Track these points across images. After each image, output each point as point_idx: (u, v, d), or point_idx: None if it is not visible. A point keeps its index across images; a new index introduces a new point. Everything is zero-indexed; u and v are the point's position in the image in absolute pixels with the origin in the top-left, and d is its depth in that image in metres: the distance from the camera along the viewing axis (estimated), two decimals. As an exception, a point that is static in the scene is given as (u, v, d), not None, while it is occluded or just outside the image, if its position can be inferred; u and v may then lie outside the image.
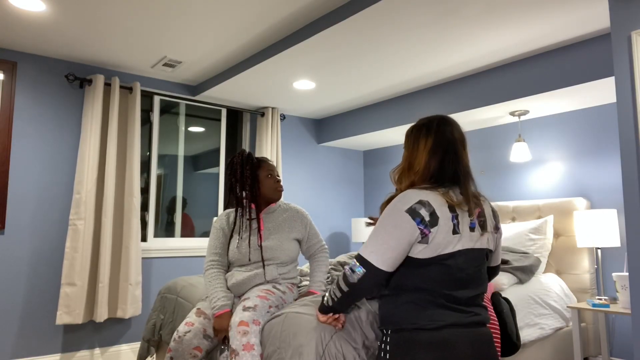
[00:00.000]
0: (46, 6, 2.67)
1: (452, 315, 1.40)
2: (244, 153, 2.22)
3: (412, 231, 1.38)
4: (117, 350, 3.57)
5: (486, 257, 1.52)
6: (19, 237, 3.26)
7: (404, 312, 1.42)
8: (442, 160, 1.48)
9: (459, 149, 1.51)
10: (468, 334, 1.41)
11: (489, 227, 1.51)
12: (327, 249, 2.34)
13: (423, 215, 1.38)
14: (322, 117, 4.94)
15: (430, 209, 1.39)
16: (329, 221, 4.96)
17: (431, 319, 1.39)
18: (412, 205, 1.40)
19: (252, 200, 2.17)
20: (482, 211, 1.51)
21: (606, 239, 3.03)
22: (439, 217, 1.39)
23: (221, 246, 2.21)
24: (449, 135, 1.51)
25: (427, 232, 1.38)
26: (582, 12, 2.55)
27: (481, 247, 1.47)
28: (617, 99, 2.05)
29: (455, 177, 1.49)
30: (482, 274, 1.50)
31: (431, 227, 1.38)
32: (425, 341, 1.37)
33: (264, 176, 2.22)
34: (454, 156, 1.49)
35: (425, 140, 1.51)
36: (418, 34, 2.78)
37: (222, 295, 2.07)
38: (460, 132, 1.54)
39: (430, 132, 1.52)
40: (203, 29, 2.95)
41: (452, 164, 1.48)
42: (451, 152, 1.49)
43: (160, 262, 3.85)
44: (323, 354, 1.59)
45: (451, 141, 1.50)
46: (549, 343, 2.93)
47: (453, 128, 1.53)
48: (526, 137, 3.83)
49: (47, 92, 3.43)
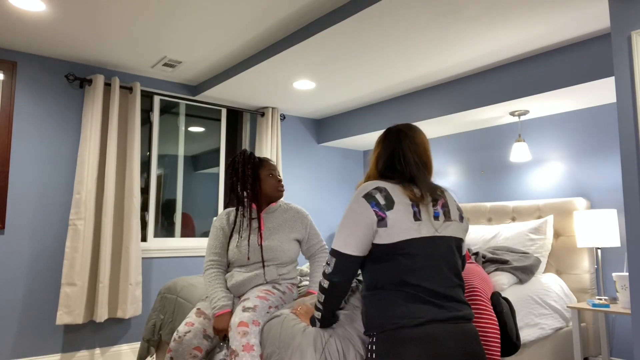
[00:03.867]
0: (46, 6, 2.67)
1: (430, 310, 1.44)
2: (246, 152, 2.22)
3: (368, 214, 1.49)
4: (117, 350, 3.57)
5: (457, 248, 1.58)
6: (19, 237, 3.26)
7: (384, 312, 1.46)
8: (390, 161, 1.64)
9: (407, 152, 1.63)
10: (450, 329, 1.44)
11: (452, 215, 1.59)
12: (328, 249, 2.34)
13: (378, 198, 1.50)
14: (322, 117, 4.94)
15: (386, 194, 1.51)
16: (329, 221, 4.96)
17: (411, 315, 1.42)
18: (369, 190, 1.53)
19: (253, 199, 2.17)
20: (446, 202, 1.60)
21: (606, 239, 3.03)
22: (394, 202, 1.50)
23: (221, 246, 2.21)
24: (394, 142, 1.66)
25: (383, 215, 1.48)
26: (582, 12, 2.55)
27: (448, 235, 1.54)
28: (617, 99, 2.05)
29: (411, 176, 1.61)
30: (453, 263, 1.55)
31: (387, 209, 1.48)
32: (409, 338, 1.40)
33: (265, 175, 2.22)
34: (402, 158, 1.63)
35: (377, 146, 1.72)
36: (418, 34, 2.78)
37: (222, 295, 2.07)
38: (412, 139, 1.67)
39: (381, 140, 1.71)
40: (203, 29, 2.95)
41: (401, 164, 1.62)
42: (398, 155, 1.64)
43: (160, 262, 3.85)
44: (323, 353, 1.59)
45: (397, 146, 1.65)
46: (549, 343, 2.93)
47: (401, 134, 1.68)
48: (526, 137, 3.83)
49: (47, 92, 3.43)
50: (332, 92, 3.96)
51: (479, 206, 3.93)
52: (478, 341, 1.50)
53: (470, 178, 4.24)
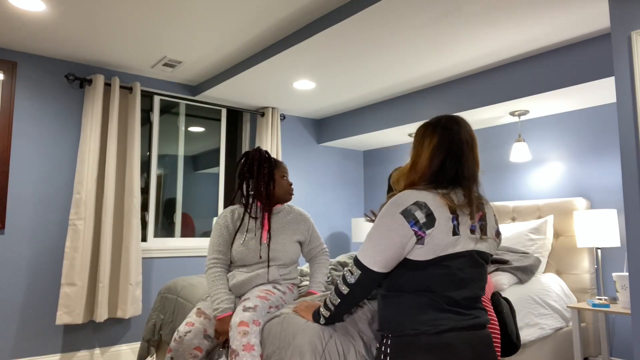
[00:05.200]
0: (46, 6, 2.67)
1: (452, 318, 1.39)
2: (262, 151, 2.22)
3: (405, 233, 1.36)
4: (117, 350, 3.57)
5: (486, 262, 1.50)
6: (19, 237, 3.26)
7: (405, 316, 1.41)
8: (445, 160, 1.45)
9: (465, 150, 1.47)
10: (468, 337, 1.40)
11: (489, 231, 1.48)
12: (328, 251, 2.35)
13: (418, 217, 1.36)
14: (322, 117, 4.94)
15: (427, 210, 1.37)
16: (329, 221, 4.96)
17: (432, 323, 1.38)
18: (408, 206, 1.38)
19: (266, 198, 2.17)
20: (484, 215, 1.48)
21: (606, 239, 3.03)
22: (436, 219, 1.36)
23: (224, 244, 2.18)
24: (455, 136, 1.47)
25: (423, 234, 1.36)
26: (582, 12, 2.55)
27: (482, 251, 1.46)
28: (617, 99, 2.05)
29: (457, 178, 1.45)
30: (482, 277, 1.49)
31: (427, 228, 1.36)
32: (425, 345, 1.36)
33: (279, 177, 2.22)
34: (457, 157, 1.45)
35: (430, 138, 1.49)
36: (418, 34, 2.78)
37: (225, 298, 2.06)
38: (468, 133, 1.50)
39: (436, 131, 1.49)
40: (203, 29, 2.95)
41: (454, 165, 1.45)
42: (455, 152, 1.45)
43: (160, 262, 3.85)
44: (323, 353, 1.59)
45: (456, 141, 1.46)
46: (549, 343, 2.93)
47: (461, 128, 1.49)
48: (526, 137, 3.83)
49: (47, 92, 3.43)
50: (332, 92, 3.96)
51: (479, 206, 3.93)
52: (493, 348, 1.47)
53: (470, 178, 4.23)
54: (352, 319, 1.71)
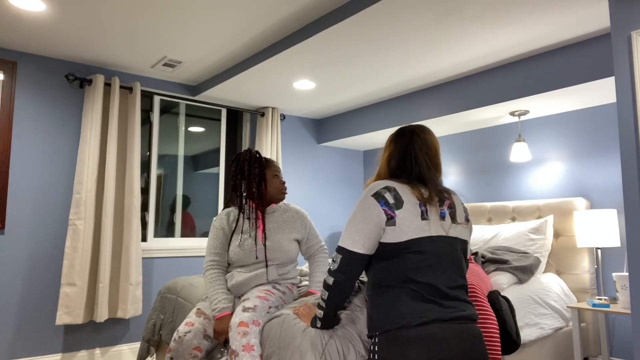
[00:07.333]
0: (46, 6, 2.67)
1: (434, 310, 1.44)
2: (252, 151, 2.22)
3: (377, 212, 1.50)
4: (117, 350, 3.57)
5: (462, 250, 1.59)
6: (19, 237, 3.26)
7: (389, 311, 1.46)
8: (402, 161, 1.66)
9: (419, 154, 1.66)
10: (453, 329, 1.43)
11: (459, 217, 1.60)
12: (327, 249, 2.35)
13: (387, 198, 1.51)
14: (322, 117, 4.94)
15: (396, 194, 1.52)
16: (329, 221, 4.96)
17: (414, 315, 1.42)
18: (378, 189, 1.54)
19: (258, 198, 2.17)
20: (452, 203, 1.62)
21: (606, 239, 3.03)
22: (404, 201, 1.51)
23: (221, 246, 2.20)
24: (407, 142, 1.68)
25: (392, 214, 1.49)
26: (582, 12, 2.55)
27: (454, 236, 1.55)
28: (617, 99, 2.05)
29: (420, 178, 1.62)
30: (460, 263, 1.55)
31: (396, 209, 1.49)
32: (410, 338, 1.40)
33: (270, 176, 2.22)
34: (413, 159, 1.65)
35: (389, 145, 1.74)
36: (418, 34, 2.78)
37: (223, 298, 2.07)
38: (424, 141, 1.69)
39: (393, 140, 1.73)
40: (203, 29, 2.95)
41: (412, 165, 1.64)
42: (409, 155, 1.65)
43: (160, 262, 3.85)
44: (323, 353, 1.59)
45: (409, 146, 1.67)
46: (549, 343, 2.93)
47: (414, 135, 1.70)
48: (526, 137, 3.83)
49: (47, 92, 3.43)
50: (332, 92, 3.96)
51: (479, 206, 3.93)
52: (482, 342, 1.49)
53: (470, 178, 4.24)
54: (351, 319, 1.71)
